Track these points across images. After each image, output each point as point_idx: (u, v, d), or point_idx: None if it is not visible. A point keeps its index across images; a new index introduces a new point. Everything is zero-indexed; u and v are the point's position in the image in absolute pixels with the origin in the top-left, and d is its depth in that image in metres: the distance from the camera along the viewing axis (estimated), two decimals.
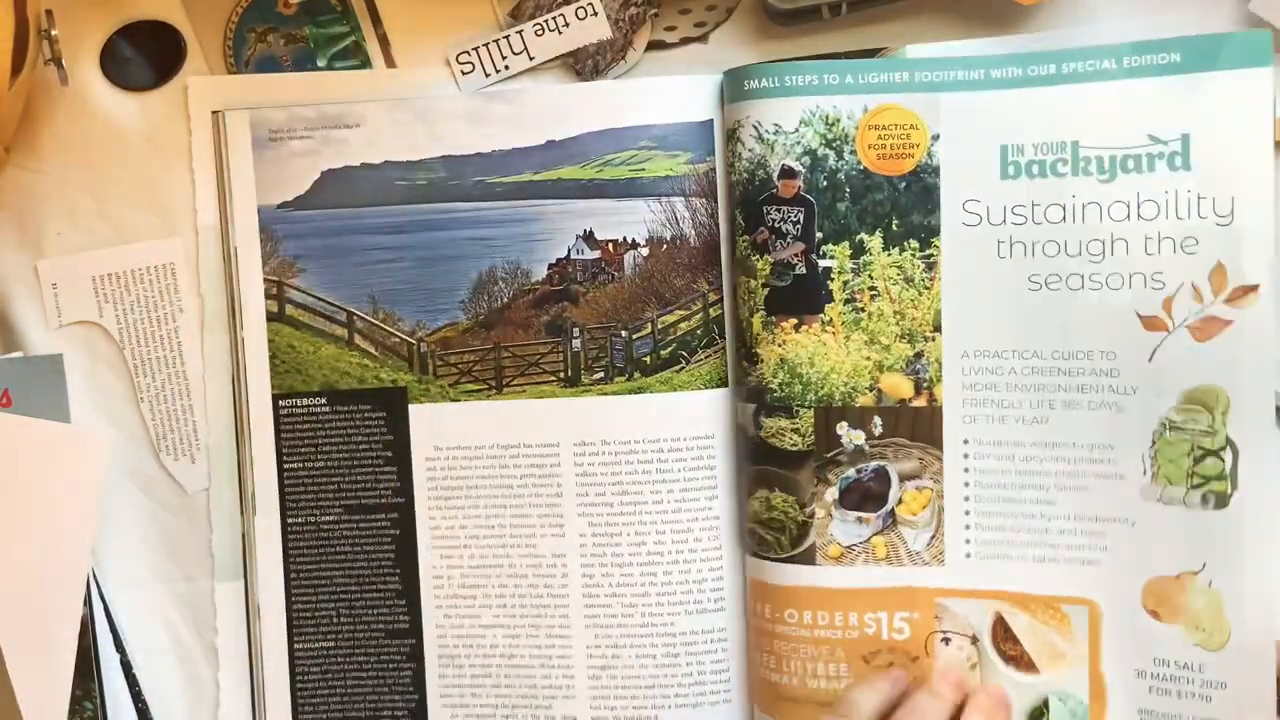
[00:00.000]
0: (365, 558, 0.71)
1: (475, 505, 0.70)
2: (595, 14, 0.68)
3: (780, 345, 0.66)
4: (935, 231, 0.65)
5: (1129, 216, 0.63)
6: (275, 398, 0.71)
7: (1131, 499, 0.63)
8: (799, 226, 0.66)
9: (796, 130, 0.66)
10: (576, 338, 0.70)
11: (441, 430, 0.70)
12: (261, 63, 0.71)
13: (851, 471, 0.66)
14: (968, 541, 0.65)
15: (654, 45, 0.70)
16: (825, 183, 0.66)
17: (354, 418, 0.71)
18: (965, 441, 0.65)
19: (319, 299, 0.71)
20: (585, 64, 0.69)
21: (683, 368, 0.69)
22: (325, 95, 0.71)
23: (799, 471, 0.66)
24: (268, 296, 0.71)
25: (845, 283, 0.65)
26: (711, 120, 0.69)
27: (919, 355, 0.65)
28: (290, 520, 0.71)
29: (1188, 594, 0.62)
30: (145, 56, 0.71)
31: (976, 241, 0.65)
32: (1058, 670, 0.64)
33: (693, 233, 0.69)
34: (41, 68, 0.67)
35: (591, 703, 0.70)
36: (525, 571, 0.70)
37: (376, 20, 0.71)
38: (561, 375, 0.70)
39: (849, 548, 0.66)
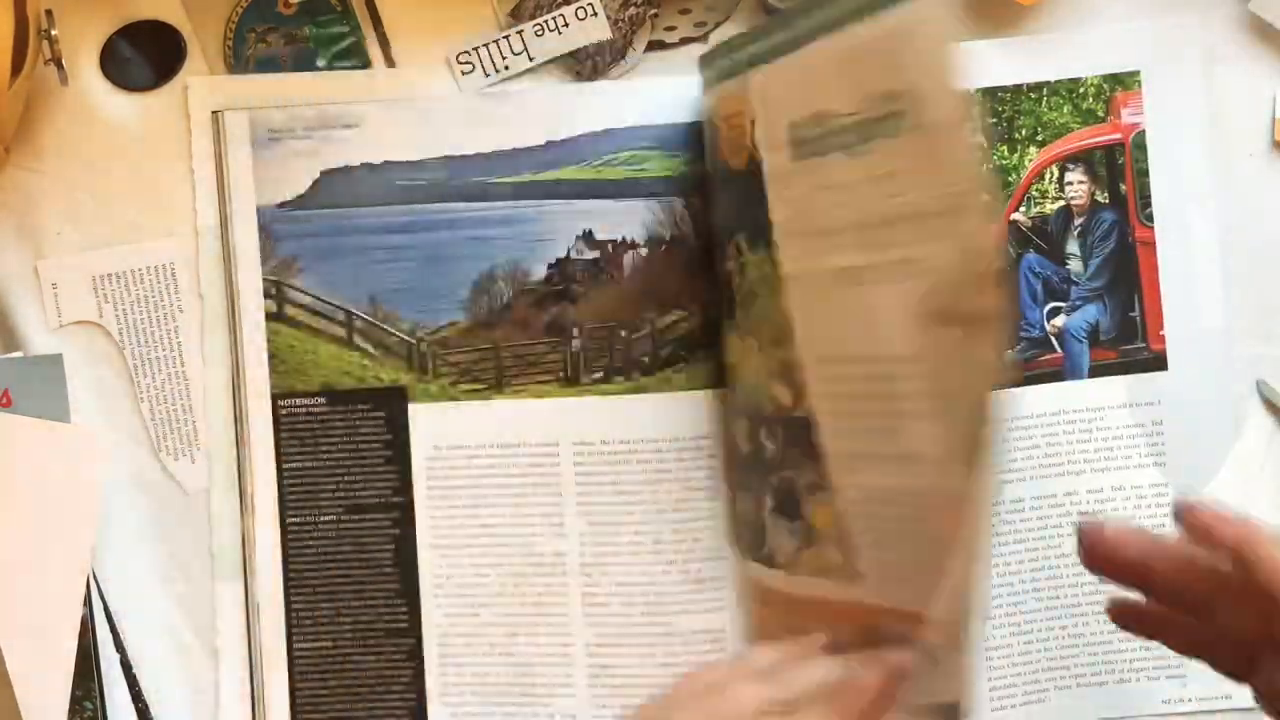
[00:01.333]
0: (364, 557, 0.71)
1: (475, 505, 0.70)
2: (595, 14, 0.68)
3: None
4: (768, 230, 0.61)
5: None
6: (274, 397, 0.71)
7: None
8: None
9: None
10: (576, 338, 0.70)
11: (441, 430, 0.71)
12: (262, 63, 0.71)
13: (775, 479, 0.63)
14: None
15: (654, 45, 0.70)
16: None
17: (353, 417, 0.71)
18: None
19: (318, 299, 0.71)
20: (585, 64, 0.70)
21: (681, 368, 0.70)
22: (326, 95, 0.71)
23: (750, 475, 0.66)
24: (267, 296, 0.71)
25: (737, 286, 0.65)
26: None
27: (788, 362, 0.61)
28: (289, 520, 0.71)
29: None
30: (145, 57, 0.71)
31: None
32: None
33: (692, 234, 0.70)
34: (41, 68, 0.67)
35: (591, 701, 0.70)
36: (525, 570, 0.70)
37: (377, 20, 0.71)
38: (561, 375, 0.70)
39: (794, 555, 0.63)
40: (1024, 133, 0.68)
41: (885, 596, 0.56)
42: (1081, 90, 0.68)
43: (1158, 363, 0.70)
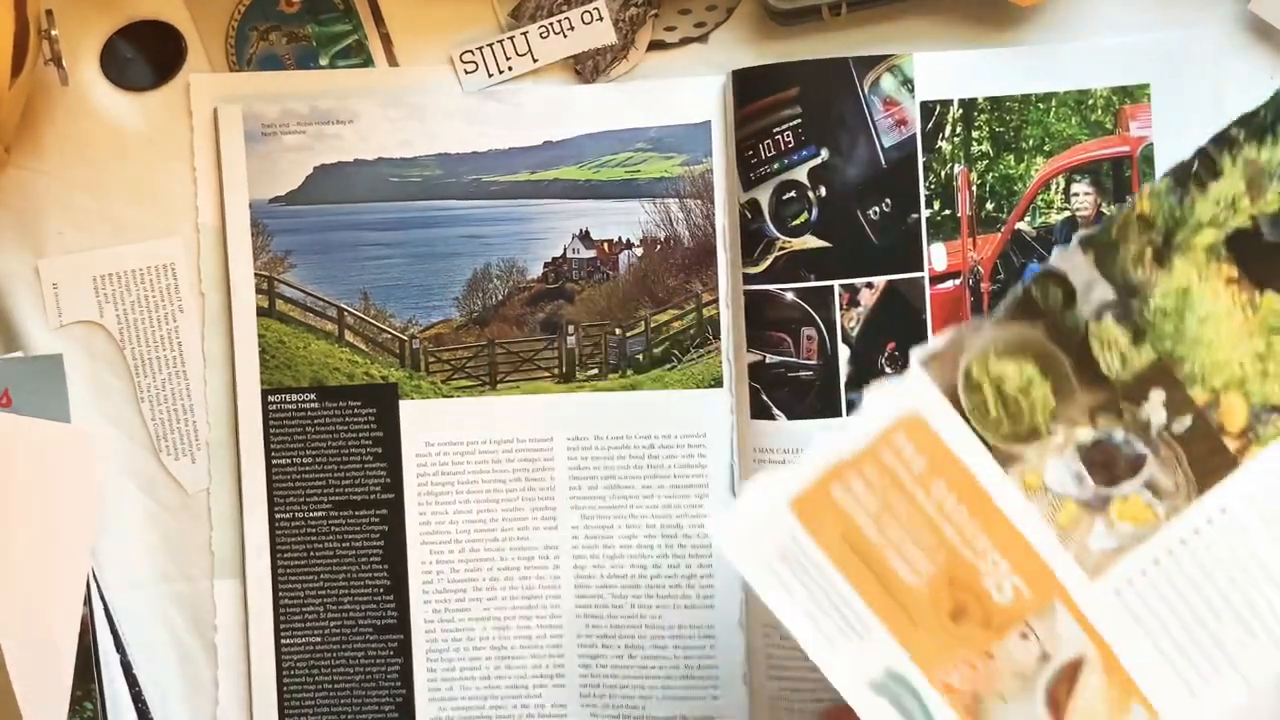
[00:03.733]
0: (353, 553, 0.71)
1: (466, 500, 0.71)
2: (600, 18, 0.69)
3: None
4: None
5: None
6: (264, 393, 0.71)
7: None
8: None
9: None
10: (571, 335, 0.71)
11: (432, 426, 0.71)
12: (263, 61, 0.71)
13: None
14: None
15: (654, 45, 0.71)
16: None
17: (343, 413, 0.71)
18: None
19: (310, 294, 0.71)
20: (586, 64, 0.70)
21: (675, 366, 0.71)
22: (328, 94, 0.71)
23: None
24: (258, 291, 0.71)
25: None
26: (709, 122, 0.70)
27: None
28: (278, 516, 0.71)
29: None
30: (145, 56, 0.71)
31: None
32: None
33: (687, 234, 0.70)
34: (42, 68, 0.66)
35: (581, 690, 0.71)
36: (517, 565, 0.71)
37: (379, 19, 0.71)
38: (556, 371, 0.71)
39: None
40: (1031, 142, 0.68)
41: None
42: (1090, 101, 0.68)
43: None
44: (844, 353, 0.68)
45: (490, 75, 0.70)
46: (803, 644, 0.48)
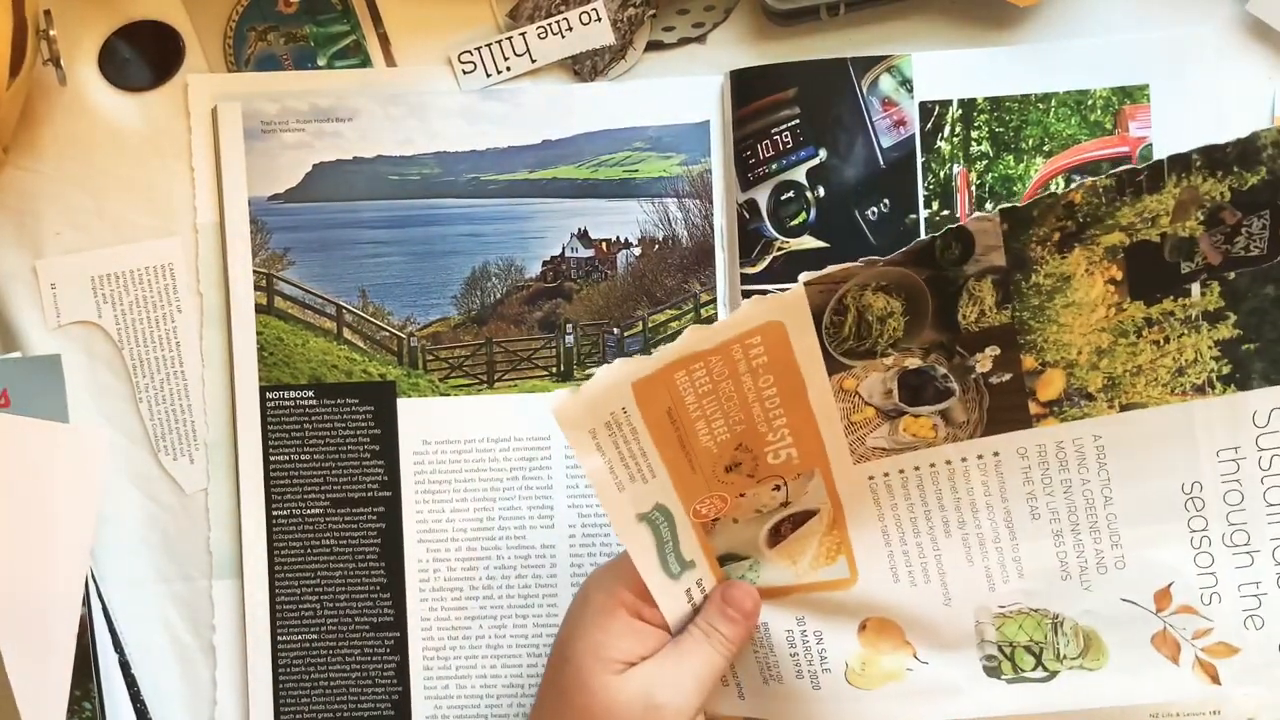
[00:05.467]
0: (350, 551, 0.71)
1: (463, 498, 0.71)
2: (599, 19, 0.69)
3: None
4: None
5: None
6: (263, 390, 0.71)
7: None
8: None
9: None
10: (569, 334, 0.71)
11: (430, 424, 0.71)
12: (262, 61, 0.71)
13: None
14: None
15: (652, 46, 0.71)
16: None
17: (341, 411, 0.71)
18: None
19: (308, 292, 0.71)
20: (584, 64, 0.70)
21: None
22: (327, 92, 0.71)
23: None
24: (257, 289, 0.71)
25: None
26: (707, 122, 0.70)
27: None
28: (275, 513, 0.71)
29: None
30: (144, 57, 0.71)
31: None
32: None
33: (685, 233, 0.70)
34: (40, 68, 0.66)
35: None
36: (514, 563, 0.71)
37: (377, 19, 0.71)
38: (554, 370, 0.71)
39: None
40: (1030, 143, 0.68)
41: None
42: (1090, 102, 0.68)
43: None
44: None
45: (488, 75, 0.70)
46: (595, 488, 0.56)
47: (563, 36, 0.70)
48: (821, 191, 0.68)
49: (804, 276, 0.53)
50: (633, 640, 0.57)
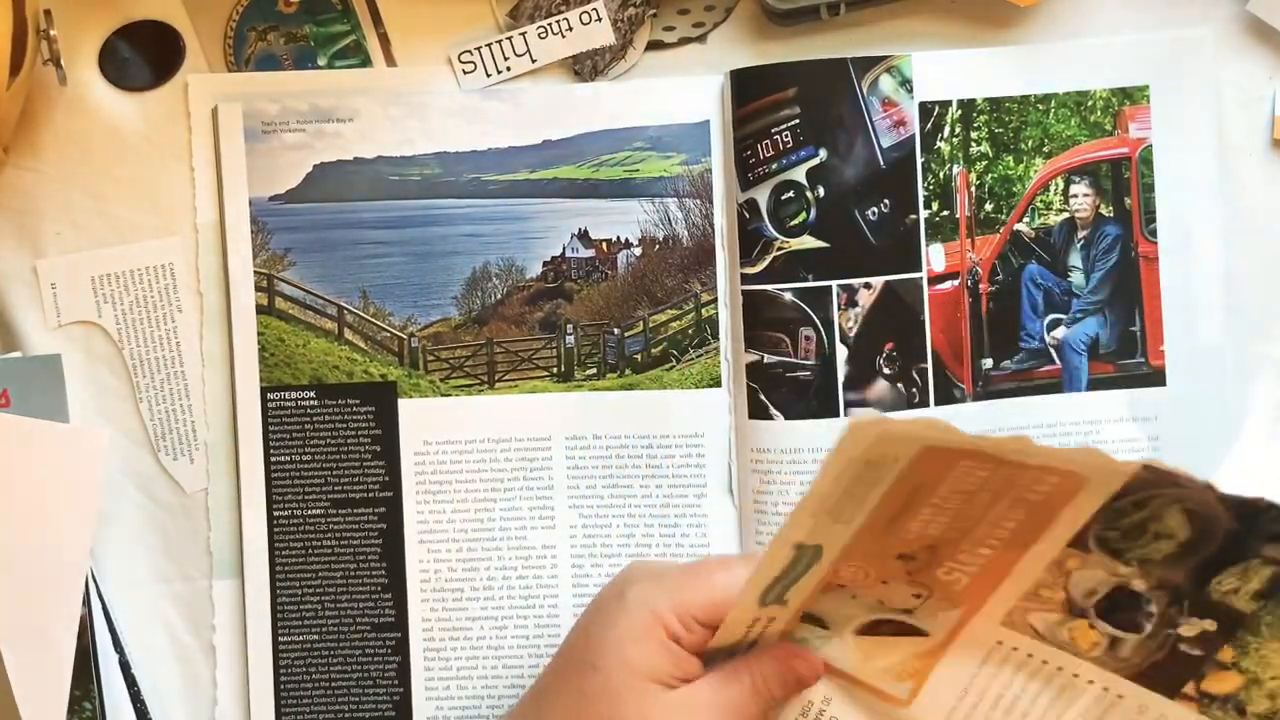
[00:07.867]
0: (351, 551, 0.71)
1: (464, 499, 0.71)
2: (599, 19, 0.69)
3: None
4: None
5: None
6: (264, 390, 0.71)
7: None
8: None
9: None
10: (570, 334, 0.71)
11: (431, 425, 0.71)
12: (262, 61, 0.71)
13: None
14: None
15: (652, 45, 0.71)
16: None
17: (342, 412, 0.71)
18: None
19: (309, 292, 0.71)
20: (584, 64, 0.70)
21: (673, 366, 0.71)
22: (328, 92, 0.71)
23: None
24: (258, 289, 0.71)
25: None
26: (707, 121, 0.70)
27: None
28: (277, 514, 0.71)
29: None
30: (144, 57, 0.71)
31: None
32: None
33: (685, 233, 0.71)
34: (40, 68, 0.66)
35: None
36: (514, 564, 0.71)
37: (377, 19, 0.71)
38: (555, 371, 0.71)
39: None
40: (1030, 143, 0.68)
41: None
42: (1090, 103, 0.68)
43: (1157, 378, 0.70)
44: (842, 353, 0.68)
45: (489, 75, 0.70)
46: (803, 500, 0.50)
47: (563, 36, 0.70)
48: (821, 191, 0.68)
49: (1152, 460, 0.48)
50: (668, 663, 0.55)
